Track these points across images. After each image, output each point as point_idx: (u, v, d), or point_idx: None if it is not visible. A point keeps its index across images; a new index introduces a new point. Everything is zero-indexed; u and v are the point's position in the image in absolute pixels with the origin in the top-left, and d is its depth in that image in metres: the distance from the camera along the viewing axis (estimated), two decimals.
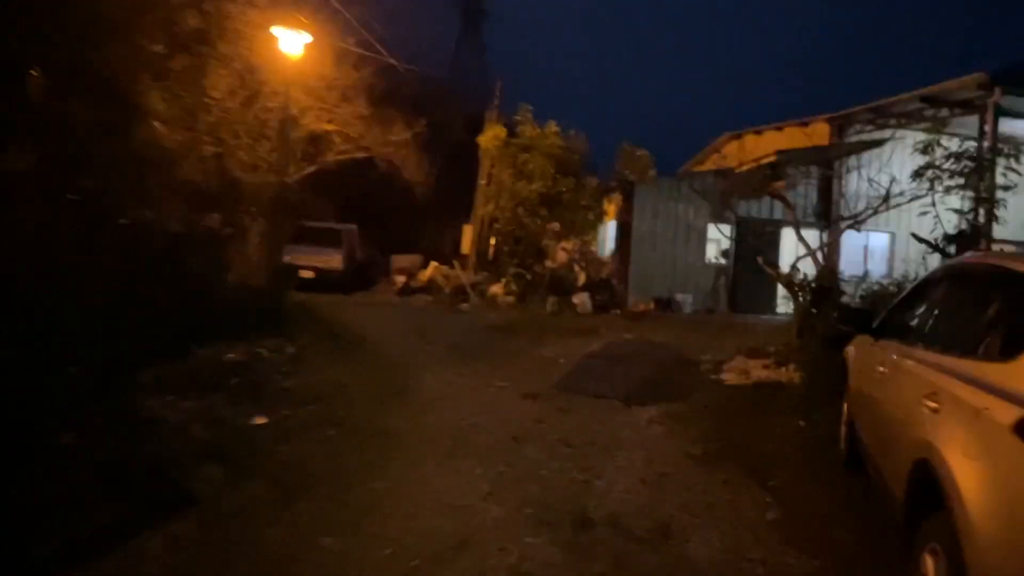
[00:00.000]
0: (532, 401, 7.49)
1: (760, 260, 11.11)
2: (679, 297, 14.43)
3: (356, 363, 8.11)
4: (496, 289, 17.96)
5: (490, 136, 15.12)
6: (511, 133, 15.72)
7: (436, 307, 16.61)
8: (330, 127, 17.52)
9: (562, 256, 18.57)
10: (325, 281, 18.80)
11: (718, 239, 15.50)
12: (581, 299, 14.32)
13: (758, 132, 19.51)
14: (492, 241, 24.93)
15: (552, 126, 14.55)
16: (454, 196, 29.01)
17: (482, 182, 20.43)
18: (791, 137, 17.51)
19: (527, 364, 9.48)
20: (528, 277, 16.56)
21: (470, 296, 16.78)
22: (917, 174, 9.41)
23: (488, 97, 20.59)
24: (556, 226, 15.39)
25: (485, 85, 22.35)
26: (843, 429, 5.51)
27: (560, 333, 12.01)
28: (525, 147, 14.25)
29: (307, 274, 18.66)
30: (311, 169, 20.56)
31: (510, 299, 16.57)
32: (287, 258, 19.63)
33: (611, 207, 15.06)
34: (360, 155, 20.05)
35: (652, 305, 14.22)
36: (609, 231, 16.23)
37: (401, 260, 20.69)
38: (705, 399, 7.88)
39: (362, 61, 16.90)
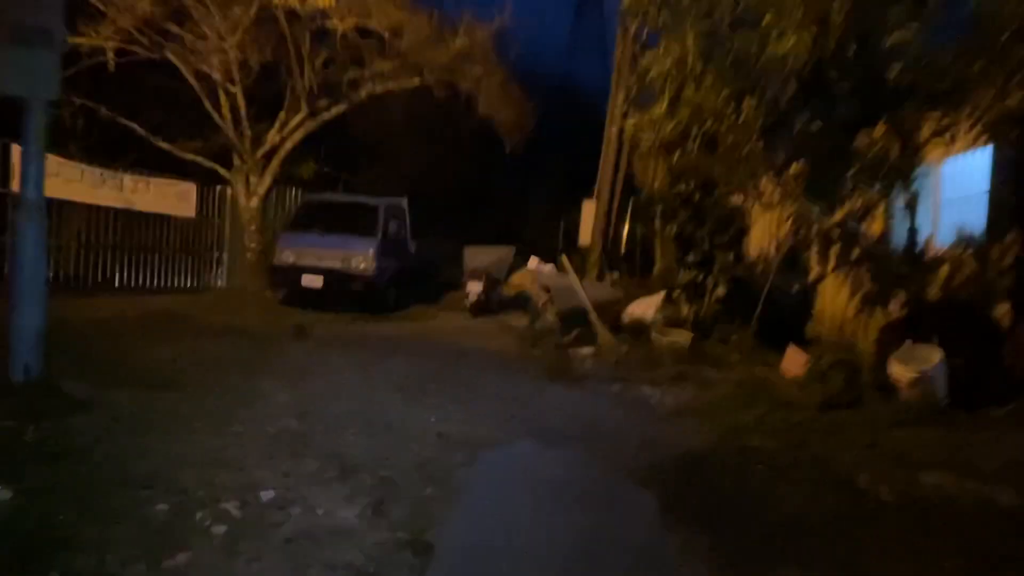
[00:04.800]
0: None
1: None
2: None
3: None
4: (641, 309, 9.20)
5: None
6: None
7: (524, 348, 8.28)
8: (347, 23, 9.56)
9: (770, 239, 9.57)
10: (344, 293, 11.03)
11: None
12: (912, 365, 5.02)
13: None
14: (626, 226, 16.24)
15: None
16: (568, 169, 20.61)
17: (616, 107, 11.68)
18: None
19: None
20: (719, 290, 7.82)
21: (596, 329, 8.24)
22: None
23: None
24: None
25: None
26: None
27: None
28: None
29: (313, 281, 10.98)
30: (337, 110, 12.98)
31: (679, 337, 7.83)
32: (285, 255, 12.20)
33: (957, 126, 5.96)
34: (409, 82, 12.07)
35: None
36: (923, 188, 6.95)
37: (477, 256, 12.47)
38: None
39: None
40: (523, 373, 6.76)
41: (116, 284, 11.52)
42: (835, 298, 8.07)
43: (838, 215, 7.14)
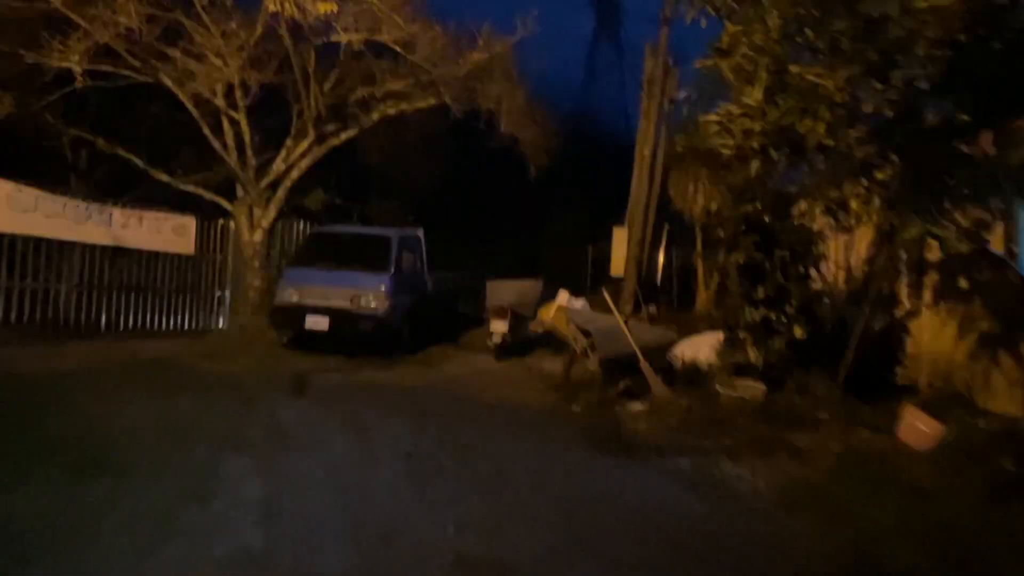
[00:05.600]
0: None
1: None
2: None
3: None
4: (693, 351, 7.87)
5: None
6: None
7: (560, 403, 6.94)
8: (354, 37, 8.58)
9: (838, 267, 8.28)
10: (351, 335, 9.85)
11: None
12: None
13: None
14: (661, 255, 14.95)
15: None
16: (591, 195, 19.50)
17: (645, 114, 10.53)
18: None
19: None
20: (796, 331, 6.51)
21: (648, 380, 6.89)
22: None
23: None
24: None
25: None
26: None
27: None
28: None
29: (317, 323, 9.82)
30: (347, 134, 11.99)
31: (750, 389, 6.48)
32: (287, 293, 11.12)
33: None
34: (424, 101, 11.02)
35: None
36: None
37: (501, 290, 11.23)
38: None
39: None
40: (563, 440, 5.44)
41: (103, 327, 10.47)
42: (937, 339, 6.67)
43: (948, 234, 5.77)
